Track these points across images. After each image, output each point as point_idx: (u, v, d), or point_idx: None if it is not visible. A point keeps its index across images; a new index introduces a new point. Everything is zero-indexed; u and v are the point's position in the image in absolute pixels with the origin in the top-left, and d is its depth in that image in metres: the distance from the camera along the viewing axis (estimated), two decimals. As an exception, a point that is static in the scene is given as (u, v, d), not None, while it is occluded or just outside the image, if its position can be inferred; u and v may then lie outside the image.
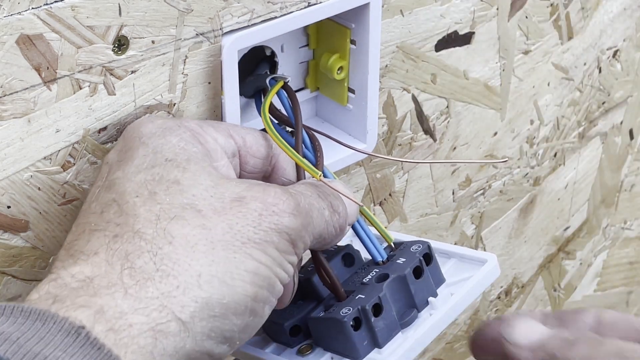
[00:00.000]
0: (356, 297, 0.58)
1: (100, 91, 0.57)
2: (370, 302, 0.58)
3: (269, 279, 0.52)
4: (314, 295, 0.61)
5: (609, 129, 0.92)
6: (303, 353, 0.60)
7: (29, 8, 0.53)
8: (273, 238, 0.53)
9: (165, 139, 0.55)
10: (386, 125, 0.73)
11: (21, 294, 0.59)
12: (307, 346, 0.60)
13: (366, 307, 0.57)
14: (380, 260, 0.61)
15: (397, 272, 0.59)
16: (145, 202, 0.52)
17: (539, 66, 0.81)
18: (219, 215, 0.52)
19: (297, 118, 0.62)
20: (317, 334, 0.60)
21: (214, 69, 0.61)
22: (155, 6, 0.57)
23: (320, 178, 0.58)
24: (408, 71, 0.72)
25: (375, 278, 0.60)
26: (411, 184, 0.78)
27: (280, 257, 0.53)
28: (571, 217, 0.94)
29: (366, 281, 0.60)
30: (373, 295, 0.58)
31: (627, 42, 0.88)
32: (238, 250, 0.52)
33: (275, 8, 0.61)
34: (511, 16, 0.77)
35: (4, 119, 0.54)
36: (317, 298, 0.61)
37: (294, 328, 0.60)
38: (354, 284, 0.60)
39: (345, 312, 0.57)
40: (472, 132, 0.79)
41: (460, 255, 0.63)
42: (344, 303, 0.59)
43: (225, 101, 0.61)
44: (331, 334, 0.59)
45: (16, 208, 0.57)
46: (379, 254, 0.61)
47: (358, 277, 0.61)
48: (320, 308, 0.60)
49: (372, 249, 0.62)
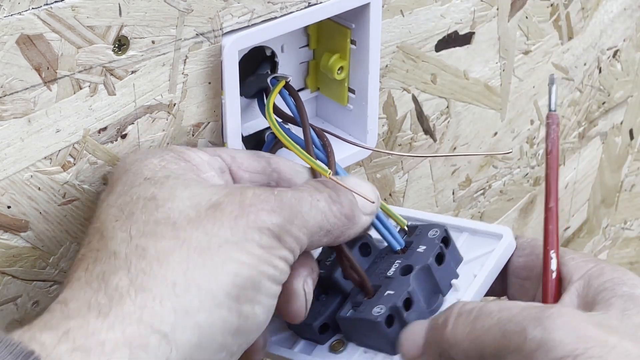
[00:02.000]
0: (385, 293, 0.58)
1: (101, 91, 0.57)
2: (400, 298, 0.58)
3: (252, 278, 0.51)
4: (336, 290, 0.61)
5: (609, 129, 0.92)
6: (336, 350, 0.60)
7: (29, 8, 0.53)
8: (253, 236, 0.52)
9: (146, 161, 0.56)
10: (386, 125, 0.73)
11: (21, 294, 0.59)
12: (338, 342, 0.60)
13: (398, 305, 0.58)
14: (398, 249, 0.61)
15: (420, 262, 0.59)
16: (123, 223, 0.52)
17: (539, 66, 0.81)
18: (194, 224, 0.52)
19: (303, 117, 0.62)
20: (348, 331, 0.60)
21: (214, 69, 0.61)
22: (155, 6, 0.57)
23: (330, 176, 0.58)
24: (408, 71, 0.72)
25: (399, 271, 0.60)
26: (411, 184, 0.78)
27: (266, 254, 0.52)
28: (571, 217, 0.94)
29: (391, 275, 0.60)
30: (402, 290, 0.58)
31: (627, 42, 0.88)
32: (215, 254, 0.51)
33: (276, 8, 0.61)
34: (511, 16, 0.77)
35: (4, 119, 0.54)
36: (341, 292, 0.61)
37: (323, 326, 0.60)
38: (378, 277, 0.60)
39: (378, 312, 0.58)
40: (472, 132, 0.79)
41: (472, 230, 0.63)
42: (374, 300, 0.59)
43: (226, 101, 0.61)
44: (364, 331, 0.59)
45: (16, 208, 0.57)
46: (397, 243, 0.61)
47: (379, 268, 0.61)
48: (348, 305, 0.60)
49: (389, 239, 0.61)
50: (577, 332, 0.50)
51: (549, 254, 0.59)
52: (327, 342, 0.61)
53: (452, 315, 0.55)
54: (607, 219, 0.99)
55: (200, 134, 0.62)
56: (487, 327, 0.53)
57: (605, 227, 0.99)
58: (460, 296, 0.60)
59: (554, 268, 0.59)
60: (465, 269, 0.61)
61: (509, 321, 0.52)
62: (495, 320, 0.52)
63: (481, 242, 0.62)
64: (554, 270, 0.59)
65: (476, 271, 0.61)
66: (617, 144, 0.95)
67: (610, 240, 1.00)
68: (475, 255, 0.62)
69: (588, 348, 0.50)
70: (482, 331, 0.53)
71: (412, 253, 0.61)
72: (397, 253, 0.61)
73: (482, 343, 0.53)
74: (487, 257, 0.61)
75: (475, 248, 0.62)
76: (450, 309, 0.55)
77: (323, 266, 0.62)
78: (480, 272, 0.60)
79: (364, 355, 0.59)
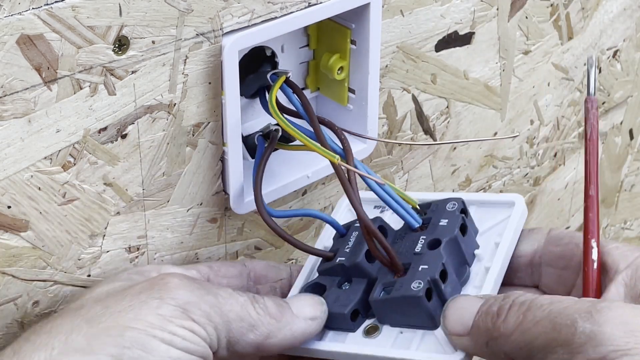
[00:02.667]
0: (419, 268, 0.58)
1: (101, 91, 0.57)
2: (436, 271, 0.58)
3: (139, 340, 0.52)
4: (360, 275, 0.61)
5: (609, 129, 0.92)
6: (371, 334, 0.60)
7: (30, 8, 0.53)
8: (151, 304, 0.53)
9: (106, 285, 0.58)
10: (386, 125, 0.73)
11: (21, 294, 0.59)
12: (372, 327, 0.60)
13: (436, 277, 0.58)
14: (417, 226, 0.61)
15: (447, 235, 0.60)
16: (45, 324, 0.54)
17: (539, 66, 0.81)
18: (98, 302, 0.54)
19: (308, 109, 0.62)
20: (382, 313, 0.60)
21: (215, 69, 0.61)
22: (155, 6, 0.57)
23: (339, 162, 0.58)
24: (408, 71, 0.72)
25: (426, 245, 0.60)
26: (411, 184, 0.78)
27: (162, 320, 0.53)
28: (571, 217, 0.94)
29: (419, 250, 0.60)
30: (436, 263, 0.58)
31: (627, 42, 0.88)
32: (103, 321, 0.52)
33: (276, 8, 0.61)
34: (511, 16, 0.77)
35: (5, 119, 0.54)
36: (366, 276, 0.61)
37: (353, 312, 0.60)
38: (405, 256, 0.60)
39: (417, 287, 0.57)
40: (472, 132, 0.79)
41: (480, 202, 0.64)
42: (408, 278, 0.58)
43: (226, 101, 0.61)
44: (402, 310, 0.58)
45: (16, 208, 0.57)
46: (415, 220, 0.62)
47: (403, 247, 0.61)
48: (379, 287, 0.60)
49: (406, 217, 0.62)
50: (628, 326, 0.50)
51: (590, 243, 0.59)
52: (358, 329, 0.60)
53: (506, 305, 0.54)
54: (607, 218, 0.99)
55: (201, 134, 0.62)
56: (538, 319, 0.53)
57: (605, 227, 0.99)
58: (486, 264, 0.60)
59: (595, 257, 0.58)
60: (484, 239, 0.62)
61: (559, 314, 0.52)
62: (546, 312, 0.52)
63: (493, 213, 0.63)
64: (595, 260, 0.58)
65: (496, 239, 0.61)
66: (617, 144, 0.95)
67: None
68: (489, 225, 0.63)
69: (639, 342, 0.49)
70: (532, 323, 0.53)
71: (434, 228, 0.61)
72: (416, 231, 0.61)
73: (531, 335, 0.52)
74: (504, 224, 0.62)
75: (488, 219, 0.63)
76: (507, 299, 0.55)
77: (343, 253, 0.62)
78: (502, 240, 0.61)
79: (402, 336, 0.59)
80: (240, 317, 0.56)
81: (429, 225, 0.61)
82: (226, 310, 0.55)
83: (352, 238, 0.62)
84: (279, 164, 0.67)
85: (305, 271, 0.64)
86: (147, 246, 0.64)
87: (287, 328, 0.58)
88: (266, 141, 0.65)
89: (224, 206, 0.66)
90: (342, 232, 0.63)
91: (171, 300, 0.54)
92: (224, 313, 0.55)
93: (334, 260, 0.62)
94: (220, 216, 0.66)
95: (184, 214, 0.64)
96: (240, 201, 0.64)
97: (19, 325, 0.60)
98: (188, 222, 0.65)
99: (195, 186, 0.64)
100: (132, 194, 0.61)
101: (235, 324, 0.56)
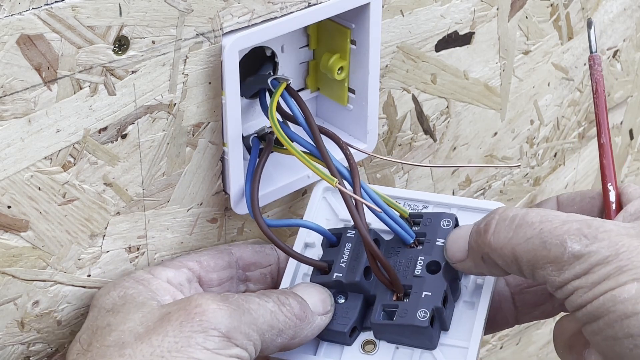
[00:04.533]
0: (422, 295, 0.59)
1: (101, 91, 0.57)
2: (440, 299, 0.59)
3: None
4: (357, 291, 0.61)
5: (609, 129, 0.92)
6: (368, 351, 0.61)
7: (30, 8, 0.53)
8: (197, 340, 0.54)
9: (108, 295, 0.59)
10: (386, 125, 0.73)
11: (21, 294, 0.59)
12: (369, 343, 0.61)
13: (439, 306, 0.59)
14: (411, 242, 0.62)
15: (444, 259, 0.61)
16: (81, 355, 0.56)
17: (539, 66, 0.81)
18: (141, 339, 0.54)
19: (310, 121, 0.62)
20: (382, 334, 0.61)
21: (215, 69, 0.61)
22: (155, 6, 0.57)
23: (337, 185, 0.58)
24: (408, 71, 0.72)
25: (425, 268, 0.61)
26: (411, 184, 0.78)
27: (212, 355, 0.54)
28: (571, 217, 0.94)
29: (419, 273, 0.61)
30: (438, 290, 0.60)
31: (627, 42, 0.88)
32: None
33: (276, 8, 0.61)
34: (511, 16, 0.77)
35: (5, 119, 0.54)
36: (363, 293, 0.61)
37: (352, 330, 0.61)
38: (404, 276, 0.61)
39: (423, 317, 0.59)
40: (472, 132, 0.79)
41: (461, 206, 0.65)
42: (412, 304, 0.59)
43: (226, 101, 0.61)
44: (405, 334, 0.60)
45: (17, 208, 0.57)
46: (409, 236, 0.62)
47: (399, 264, 0.61)
48: (379, 308, 0.60)
49: (401, 233, 0.62)
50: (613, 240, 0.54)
51: (607, 187, 0.62)
52: (353, 343, 0.61)
53: (493, 220, 0.57)
54: (607, 219, 0.99)
55: (201, 134, 0.62)
56: (529, 236, 0.55)
57: (605, 227, 0.99)
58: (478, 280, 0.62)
59: (613, 199, 0.60)
60: None
61: (549, 233, 0.55)
62: (537, 231, 0.55)
63: (475, 218, 0.63)
64: (614, 202, 0.61)
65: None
66: (617, 144, 0.95)
67: (610, 240, 1.00)
68: None
69: (620, 252, 0.53)
70: (523, 239, 0.56)
71: (431, 247, 0.61)
72: (410, 246, 0.62)
73: (521, 250, 0.55)
74: None
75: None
76: (492, 215, 0.58)
77: (339, 268, 0.62)
78: None
79: (399, 352, 0.60)
80: (271, 325, 0.57)
81: (425, 243, 0.62)
82: (260, 324, 0.57)
83: (346, 251, 0.62)
84: (278, 164, 0.67)
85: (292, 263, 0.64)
86: (147, 246, 0.64)
87: (309, 327, 0.59)
88: (261, 142, 0.65)
89: (224, 206, 0.66)
90: (333, 240, 0.63)
91: (214, 331, 0.54)
92: (259, 327, 0.57)
93: (331, 275, 0.62)
94: (220, 216, 0.66)
95: (184, 214, 0.64)
96: (241, 201, 0.64)
97: (19, 325, 0.60)
98: (188, 222, 0.65)
99: (195, 186, 0.64)
100: (132, 194, 0.61)
101: (268, 334, 0.57)
